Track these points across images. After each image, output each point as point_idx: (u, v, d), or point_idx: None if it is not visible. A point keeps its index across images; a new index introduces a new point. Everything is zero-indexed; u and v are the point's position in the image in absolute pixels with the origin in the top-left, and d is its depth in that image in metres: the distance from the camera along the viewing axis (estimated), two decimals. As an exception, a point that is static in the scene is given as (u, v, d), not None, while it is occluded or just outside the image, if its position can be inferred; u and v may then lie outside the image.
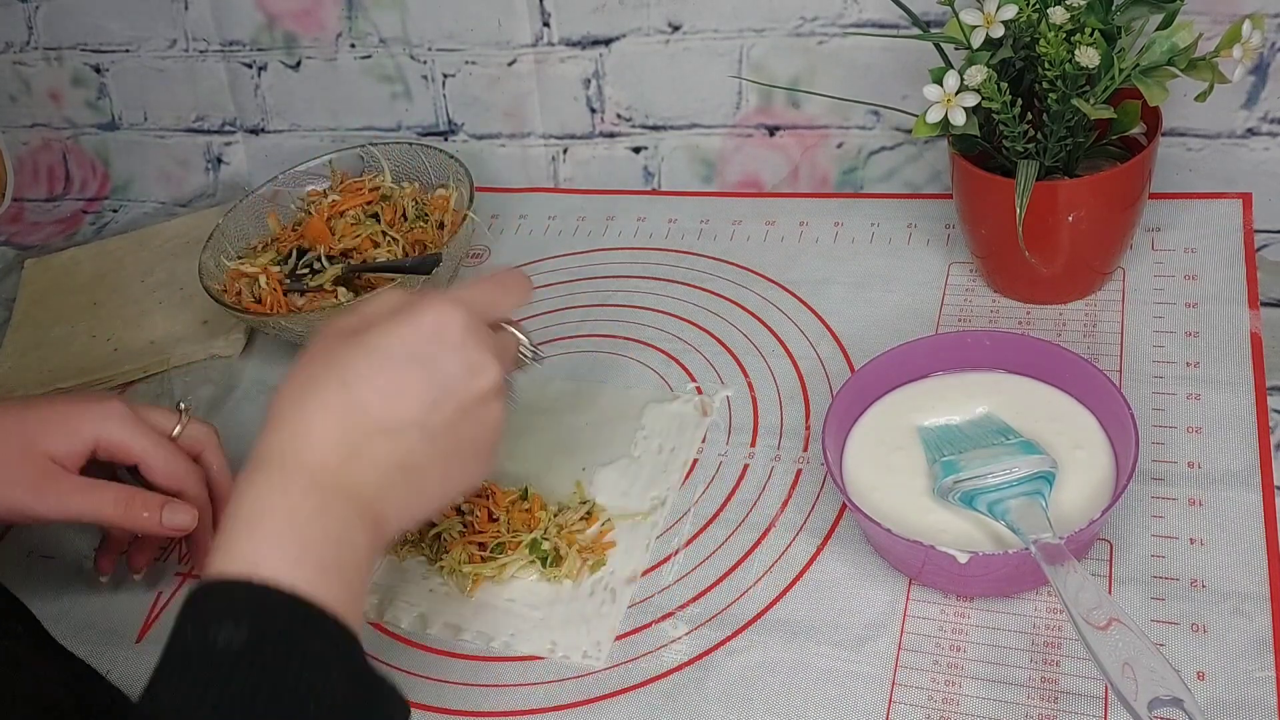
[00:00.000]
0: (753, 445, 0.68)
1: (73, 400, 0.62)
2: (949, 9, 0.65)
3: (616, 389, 0.74)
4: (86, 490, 0.59)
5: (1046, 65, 0.61)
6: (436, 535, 0.65)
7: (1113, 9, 0.62)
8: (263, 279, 0.82)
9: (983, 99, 0.62)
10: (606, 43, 0.89)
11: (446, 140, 0.98)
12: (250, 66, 1.02)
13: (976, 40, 0.63)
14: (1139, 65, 0.61)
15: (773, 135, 0.88)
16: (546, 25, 0.90)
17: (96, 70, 1.08)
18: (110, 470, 0.62)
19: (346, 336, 0.50)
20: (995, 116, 0.63)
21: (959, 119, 0.62)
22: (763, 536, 0.62)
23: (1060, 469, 0.57)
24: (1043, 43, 0.60)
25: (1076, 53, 0.59)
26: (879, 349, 0.63)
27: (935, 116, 0.63)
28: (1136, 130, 0.67)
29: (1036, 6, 0.62)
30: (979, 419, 0.61)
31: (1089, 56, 0.59)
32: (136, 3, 1.03)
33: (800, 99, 0.85)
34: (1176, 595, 0.54)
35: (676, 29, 0.87)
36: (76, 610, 0.67)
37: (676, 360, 0.75)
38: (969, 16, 0.63)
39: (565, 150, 0.95)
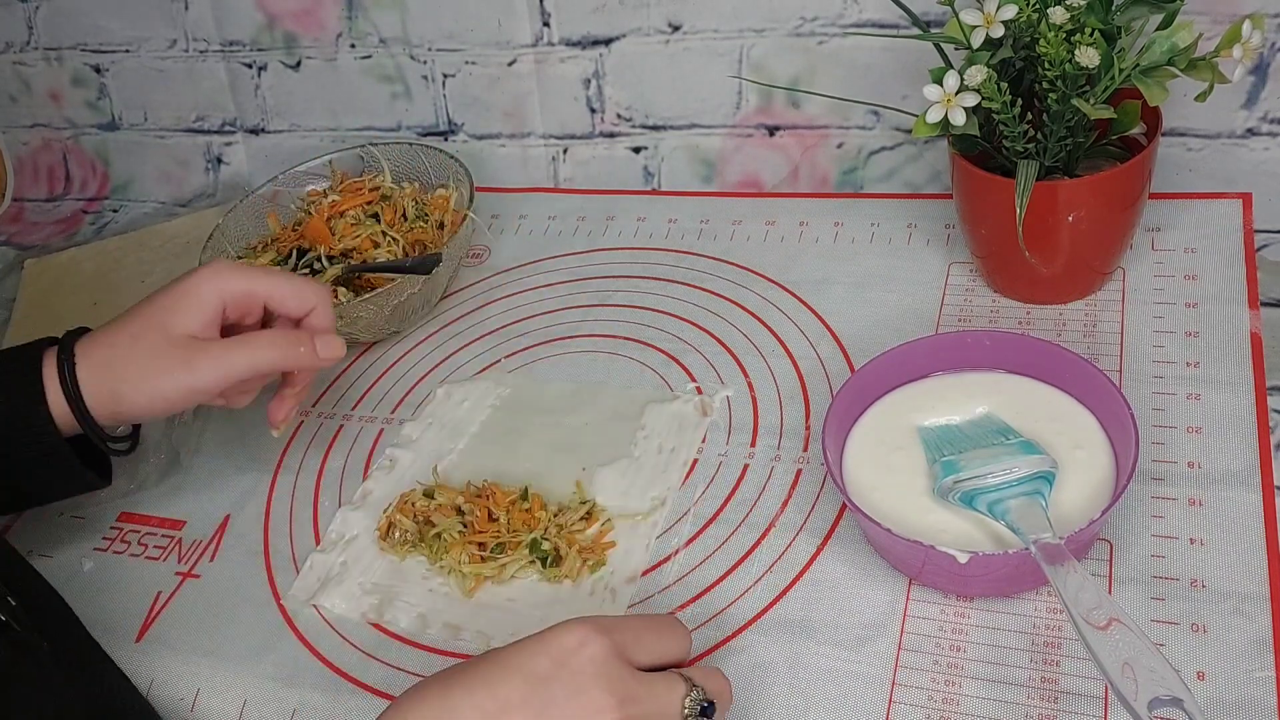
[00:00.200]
0: (753, 445, 0.68)
1: (183, 277, 0.62)
2: (949, 9, 0.65)
3: (616, 389, 0.75)
4: (238, 346, 0.60)
5: (1046, 65, 0.61)
6: (437, 535, 0.65)
7: (1113, 9, 0.62)
8: (263, 279, 0.81)
9: (983, 99, 0.62)
10: (606, 43, 0.89)
11: (446, 140, 0.98)
12: (250, 66, 1.02)
13: (976, 40, 0.63)
14: (1139, 65, 0.61)
15: (773, 135, 0.88)
16: (546, 25, 0.90)
17: (96, 70, 1.08)
18: None
19: (489, 652, 0.48)
20: (995, 116, 0.63)
21: (959, 119, 0.62)
22: (763, 536, 0.62)
23: (1060, 469, 0.57)
24: (1043, 43, 0.60)
25: (1076, 53, 0.59)
26: (879, 349, 0.63)
27: (935, 116, 0.63)
28: (1136, 130, 0.67)
29: (1036, 6, 0.62)
30: (979, 419, 0.61)
31: (1089, 56, 0.59)
32: (136, 3, 1.03)
33: (800, 99, 0.85)
34: (1176, 595, 0.54)
35: (676, 29, 0.87)
36: (76, 610, 0.67)
37: (676, 360, 0.75)
38: (969, 16, 0.63)
39: (565, 150, 0.95)
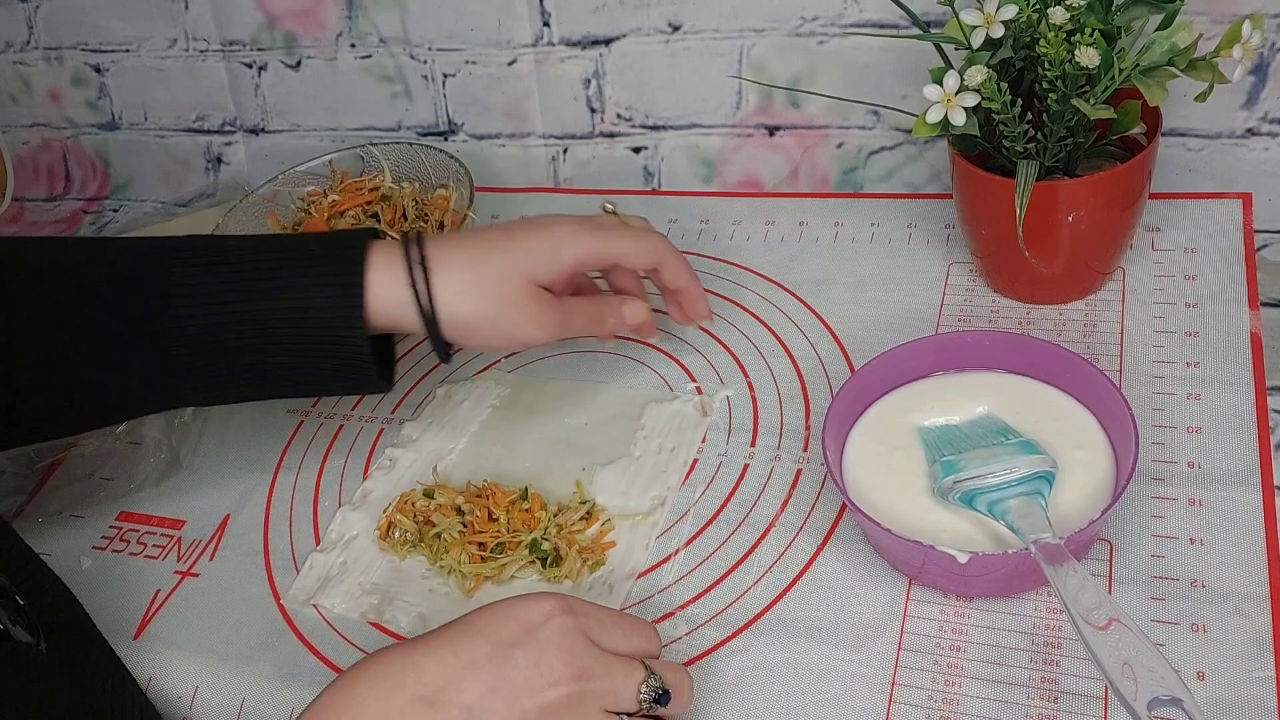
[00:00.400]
0: (753, 445, 0.68)
1: (543, 224, 0.64)
2: (949, 9, 0.65)
3: (616, 389, 0.75)
4: (571, 314, 0.64)
5: (1046, 65, 0.61)
6: (437, 535, 0.65)
7: (1113, 9, 0.62)
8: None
9: (983, 99, 0.62)
10: (606, 43, 0.89)
11: (446, 140, 0.98)
12: (250, 66, 1.02)
13: (976, 40, 0.63)
14: (1139, 65, 0.61)
15: (773, 135, 0.88)
16: (546, 25, 0.90)
17: (96, 70, 1.08)
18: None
19: (455, 620, 0.48)
20: (995, 116, 0.63)
21: (959, 119, 0.62)
22: (763, 536, 0.62)
23: (1060, 469, 0.57)
24: (1043, 43, 0.60)
25: (1076, 53, 0.59)
26: (879, 349, 0.63)
27: (935, 116, 0.63)
28: (1136, 130, 0.67)
29: (1036, 6, 0.62)
30: (979, 419, 0.61)
31: (1089, 56, 0.59)
32: (136, 3, 1.03)
33: (800, 99, 0.85)
34: (1176, 595, 0.54)
35: (676, 29, 0.87)
36: (76, 610, 0.67)
37: (676, 360, 0.75)
38: (969, 16, 0.63)
39: (565, 150, 0.95)
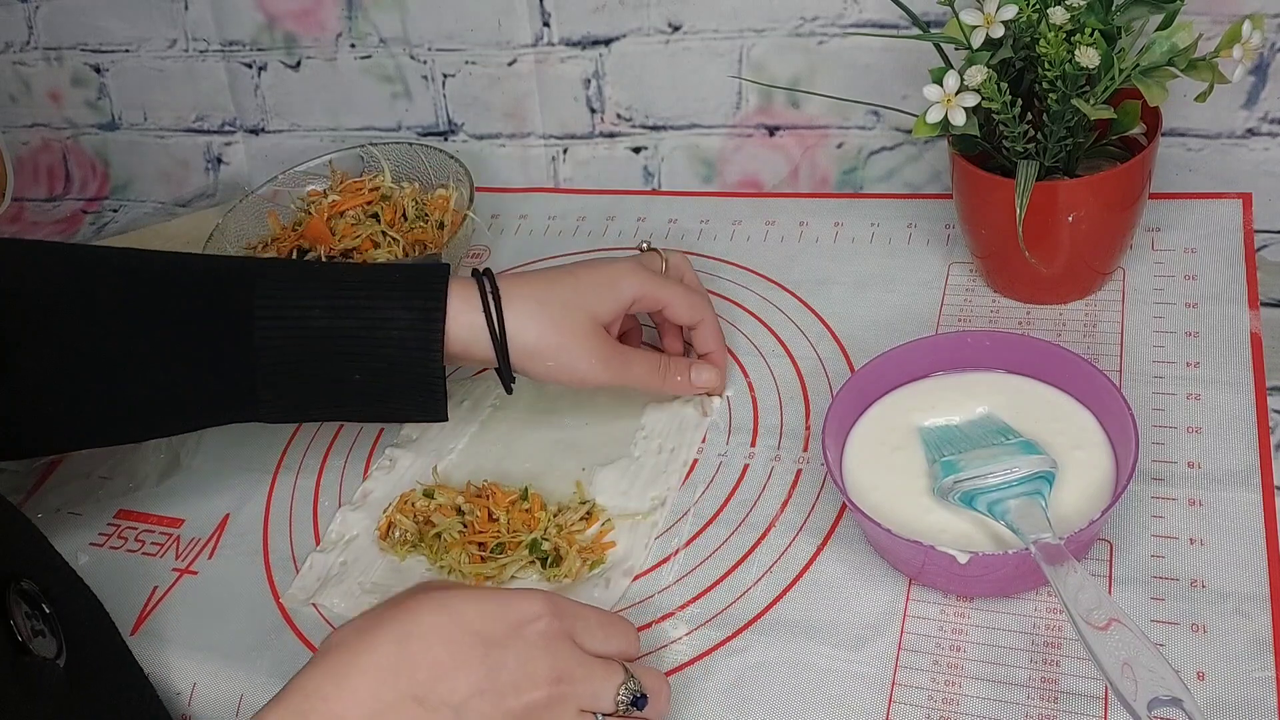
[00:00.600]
0: (753, 445, 0.68)
1: (602, 265, 0.66)
2: (949, 9, 0.65)
3: (617, 389, 0.74)
4: (632, 361, 0.66)
5: (1046, 65, 0.61)
6: (437, 535, 0.65)
7: (1113, 9, 0.62)
8: (263, 279, 0.81)
9: (983, 99, 0.62)
10: (606, 43, 0.89)
11: (446, 140, 0.98)
12: (250, 66, 1.02)
13: (976, 40, 0.63)
14: (1139, 65, 0.61)
15: (773, 135, 0.88)
16: (546, 25, 0.90)
17: (96, 70, 1.08)
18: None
19: (435, 591, 0.48)
20: (995, 116, 0.63)
21: (959, 119, 0.62)
22: (763, 536, 0.62)
23: (1060, 469, 0.57)
24: (1043, 43, 0.60)
25: (1076, 53, 0.59)
26: (879, 349, 0.63)
27: (935, 116, 0.63)
28: (1136, 130, 0.67)
29: (1036, 6, 0.62)
30: (979, 419, 0.61)
31: (1089, 57, 0.59)
32: (136, 3, 1.03)
33: (800, 99, 0.85)
34: (1176, 595, 0.54)
35: (676, 29, 0.87)
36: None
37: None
38: (969, 16, 0.63)
39: (565, 150, 0.95)
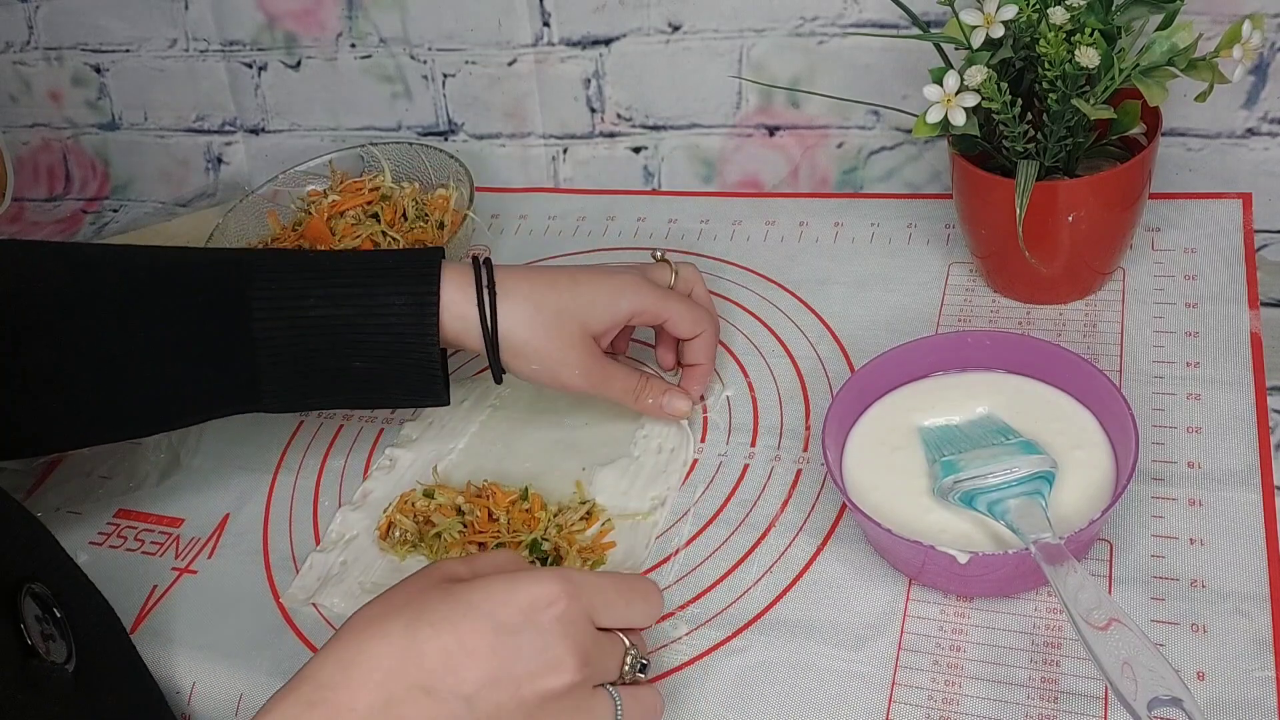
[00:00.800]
0: (753, 445, 0.68)
1: (604, 275, 0.65)
2: (949, 9, 0.65)
3: (616, 389, 0.74)
4: (613, 376, 0.66)
5: (1046, 65, 0.61)
6: (437, 535, 0.65)
7: (1113, 9, 0.62)
8: (263, 279, 0.81)
9: (983, 99, 0.62)
10: (606, 43, 0.89)
11: (446, 140, 0.98)
12: (250, 66, 1.02)
13: (976, 40, 0.63)
14: (1139, 65, 0.61)
15: (773, 135, 0.88)
16: (546, 25, 0.90)
17: (96, 70, 1.08)
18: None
19: (446, 579, 0.48)
20: (995, 116, 0.63)
21: (959, 119, 0.62)
22: (763, 536, 0.62)
23: (1060, 469, 0.57)
24: (1043, 43, 0.60)
25: (1076, 53, 0.59)
26: (879, 349, 0.63)
27: (935, 116, 0.63)
28: (1136, 130, 0.67)
29: (1036, 6, 0.62)
30: (979, 419, 0.61)
31: (1089, 56, 0.59)
32: (136, 3, 1.03)
33: (800, 99, 0.85)
34: (1176, 595, 0.54)
35: (676, 29, 0.87)
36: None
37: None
38: (969, 16, 0.63)
39: (565, 150, 0.95)
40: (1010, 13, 0.62)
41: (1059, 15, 0.60)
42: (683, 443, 0.69)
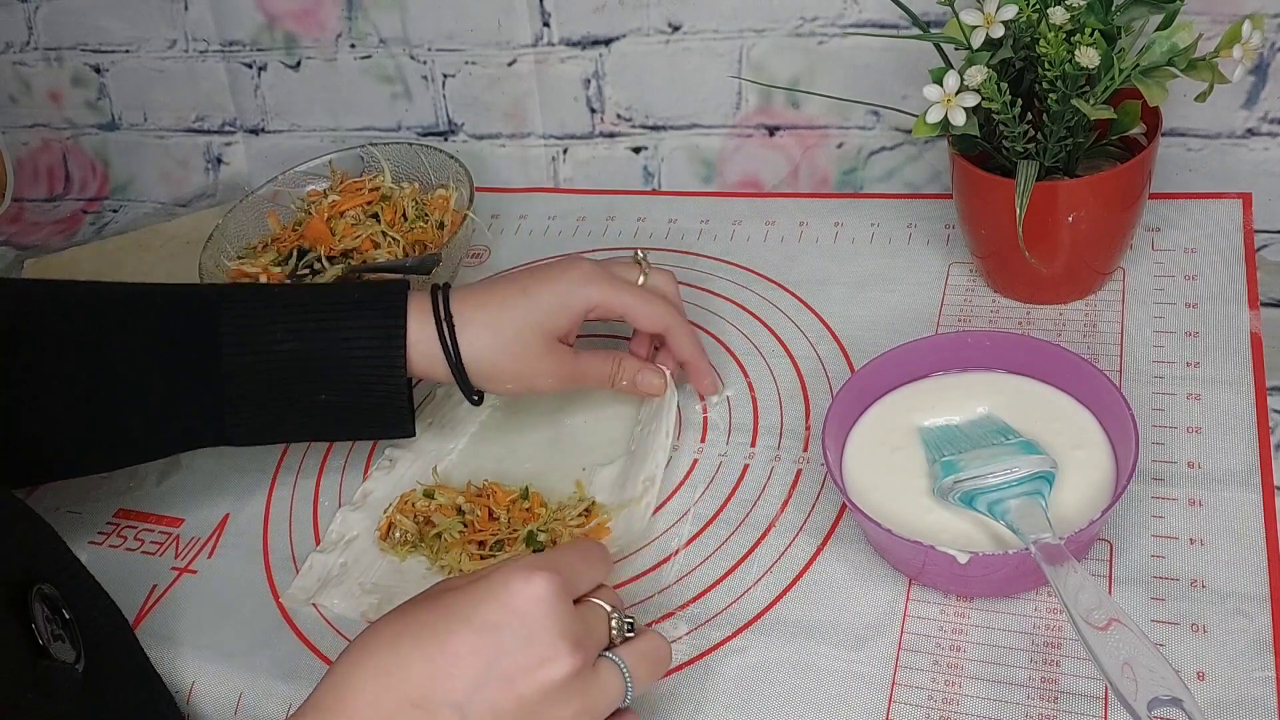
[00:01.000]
0: (753, 445, 0.68)
1: (557, 275, 0.65)
2: (949, 9, 0.65)
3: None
4: (585, 371, 0.67)
5: (1046, 65, 0.61)
6: (437, 535, 0.65)
7: (1113, 9, 0.62)
8: (264, 279, 0.82)
9: (983, 99, 0.62)
10: (606, 43, 0.89)
11: (446, 140, 0.98)
12: (250, 66, 1.02)
13: (976, 40, 0.63)
14: (1139, 65, 0.61)
15: (773, 135, 0.88)
16: (546, 25, 0.90)
17: (96, 70, 1.08)
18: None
19: (443, 592, 0.48)
20: (995, 116, 0.63)
21: (959, 119, 0.62)
22: (763, 536, 0.62)
23: (1060, 469, 0.57)
24: (1043, 43, 0.60)
25: (1076, 53, 0.59)
26: (879, 349, 0.63)
27: (935, 116, 0.63)
28: (1136, 130, 0.67)
29: (1036, 6, 0.62)
30: (979, 419, 0.61)
31: (1089, 57, 0.59)
32: (136, 3, 1.03)
33: (800, 99, 0.85)
34: (1176, 595, 0.54)
35: (676, 29, 0.87)
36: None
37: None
38: (969, 16, 0.63)
39: (565, 150, 0.95)
40: (1010, 13, 0.62)
41: (1059, 15, 0.60)
42: (661, 413, 0.69)
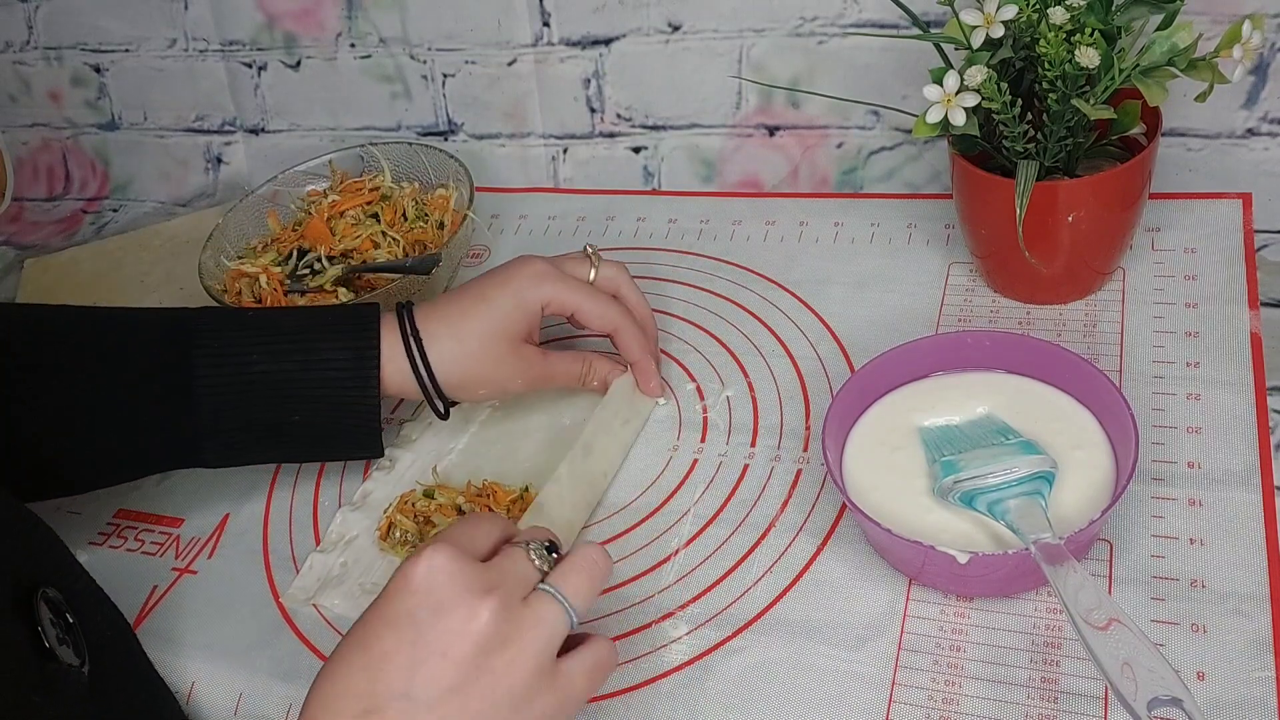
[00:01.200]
0: (753, 445, 0.68)
1: (510, 277, 0.67)
2: (949, 9, 0.65)
3: (616, 389, 0.74)
4: (553, 371, 0.68)
5: (1046, 65, 0.61)
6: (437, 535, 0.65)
7: (1113, 9, 0.62)
8: (264, 279, 0.82)
9: (983, 99, 0.62)
10: (606, 43, 0.89)
11: (446, 140, 0.98)
12: (250, 66, 1.02)
13: (976, 40, 0.63)
14: (1139, 65, 0.61)
15: (773, 135, 0.88)
16: (546, 25, 0.90)
17: (96, 70, 1.08)
18: None
19: (363, 612, 0.48)
20: (995, 116, 0.63)
21: (959, 119, 0.62)
22: (763, 536, 0.62)
23: (1060, 469, 0.57)
24: (1043, 43, 0.60)
25: (1076, 53, 0.59)
26: (879, 349, 0.63)
27: (935, 116, 0.63)
28: (1136, 130, 0.67)
29: (1036, 6, 0.62)
30: (979, 419, 0.61)
31: (1089, 57, 0.59)
32: (136, 3, 1.03)
33: (800, 99, 0.85)
34: (1176, 595, 0.54)
35: (676, 29, 0.87)
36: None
37: (677, 360, 0.75)
38: (969, 16, 0.63)
39: (565, 150, 0.95)
40: (1010, 13, 0.62)
41: (1059, 15, 0.60)
42: (636, 411, 0.71)
